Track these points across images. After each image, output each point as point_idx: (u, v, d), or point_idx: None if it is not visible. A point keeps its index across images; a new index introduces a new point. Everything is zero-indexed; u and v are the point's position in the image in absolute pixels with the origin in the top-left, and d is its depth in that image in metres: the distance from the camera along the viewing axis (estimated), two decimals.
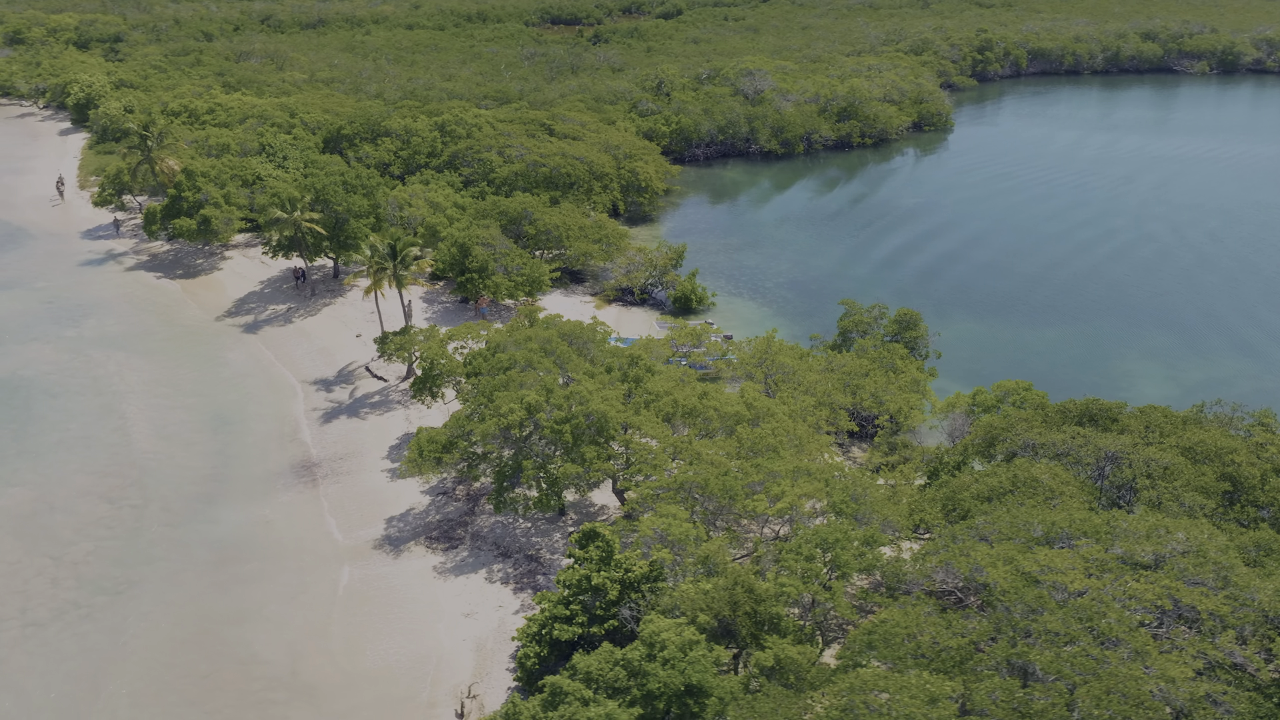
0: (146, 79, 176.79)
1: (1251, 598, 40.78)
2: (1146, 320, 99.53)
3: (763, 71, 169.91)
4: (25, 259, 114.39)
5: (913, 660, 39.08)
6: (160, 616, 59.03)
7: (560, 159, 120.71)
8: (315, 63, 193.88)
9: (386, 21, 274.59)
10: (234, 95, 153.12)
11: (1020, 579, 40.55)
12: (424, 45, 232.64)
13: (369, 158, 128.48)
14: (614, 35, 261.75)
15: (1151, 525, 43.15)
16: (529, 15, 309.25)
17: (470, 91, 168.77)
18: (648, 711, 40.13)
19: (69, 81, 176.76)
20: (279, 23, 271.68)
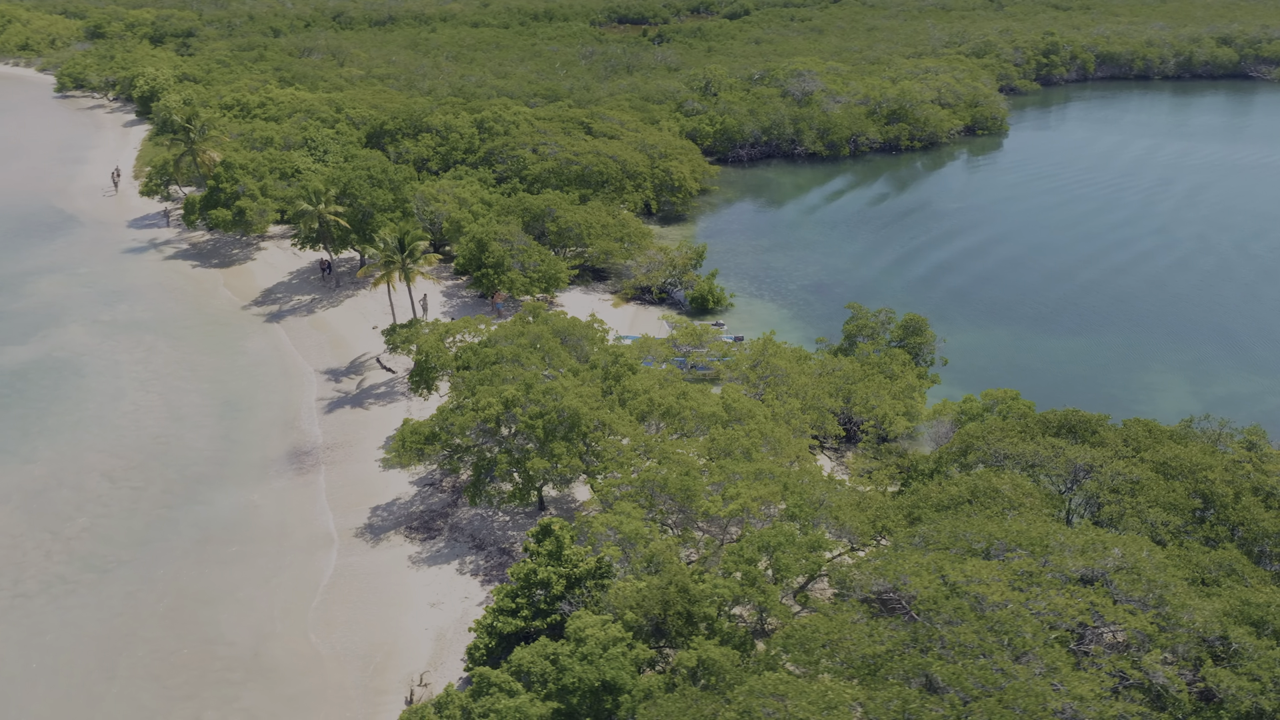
0: (209, 73, 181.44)
1: (1188, 617, 39.56)
2: (1181, 333, 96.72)
3: (812, 73, 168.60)
4: (71, 245, 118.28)
5: (827, 665, 38.66)
6: (142, 595, 60.67)
7: (593, 157, 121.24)
8: (374, 59, 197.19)
9: (453, 19, 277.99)
10: (287, 90, 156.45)
11: (942, 589, 39.84)
12: (486, 43, 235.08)
13: (409, 153, 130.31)
14: (676, 35, 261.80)
15: (1087, 540, 42.04)
16: (596, 14, 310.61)
17: (521, 89, 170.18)
18: (562, 706, 40.25)
19: (136, 75, 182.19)
20: (349, 19, 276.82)
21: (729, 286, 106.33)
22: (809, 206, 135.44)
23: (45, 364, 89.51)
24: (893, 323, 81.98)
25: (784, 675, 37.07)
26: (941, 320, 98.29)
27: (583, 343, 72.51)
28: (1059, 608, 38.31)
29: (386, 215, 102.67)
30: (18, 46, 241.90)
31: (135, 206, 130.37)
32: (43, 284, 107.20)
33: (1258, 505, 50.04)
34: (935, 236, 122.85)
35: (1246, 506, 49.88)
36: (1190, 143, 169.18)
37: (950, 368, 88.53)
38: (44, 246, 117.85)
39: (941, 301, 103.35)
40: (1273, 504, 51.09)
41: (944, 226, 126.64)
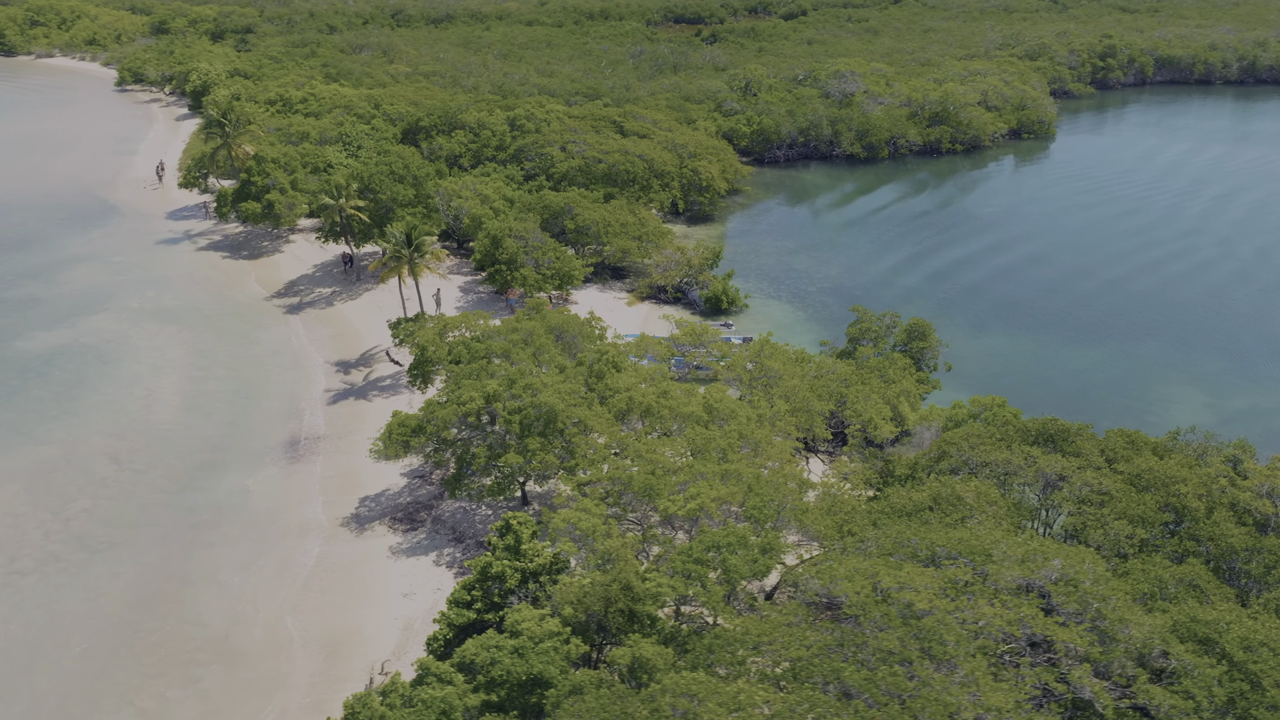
0: (260, 69, 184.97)
1: (1125, 632, 38.73)
2: (1203, 344, 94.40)
3: (853, 74, 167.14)
4: (110, 235, 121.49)
5: (754, 667, 38.50)
6: (128, 575, 62.20)
7: (620, 156, 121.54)
8: (422, 56, 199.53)
9: (509, 17, 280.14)
10: (330, 86, 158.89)
11: (872, 595, 39.44)
12: (538, 41, 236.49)
13: (441, 149, 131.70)
14: (729, 35, 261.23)
15: (1027, 551, 41.27)
16: (651, 14, 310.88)
17: (563, 88, 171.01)
18: (491, 697, 40.58)
19: (190, 70, 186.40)
20: (407, 17, 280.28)
21: (748, 287, 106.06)
22: (839, 208, 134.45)
23: (72, 350, 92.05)
24: (898, 327, 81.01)
25: (701, 676, 36.98)
26: (958, 326, 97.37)
27: (577, 339, 72.83)
28: (986, 617, 37.70)
29: (407, 210, 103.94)
30: (85, 41, 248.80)
31: (175, 199, 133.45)
32: (79, 272, 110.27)
33: (1229, 520, 48.79)
34: (962, 240, 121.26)
35: (1217, 521, 48.66)
36: (1242, 148, 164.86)
37: (963, 373, 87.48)
38: (84, 235, 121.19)
39: (960, 306, 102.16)
40: (1246, 520, 49.78)
41: (973, 231, 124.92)
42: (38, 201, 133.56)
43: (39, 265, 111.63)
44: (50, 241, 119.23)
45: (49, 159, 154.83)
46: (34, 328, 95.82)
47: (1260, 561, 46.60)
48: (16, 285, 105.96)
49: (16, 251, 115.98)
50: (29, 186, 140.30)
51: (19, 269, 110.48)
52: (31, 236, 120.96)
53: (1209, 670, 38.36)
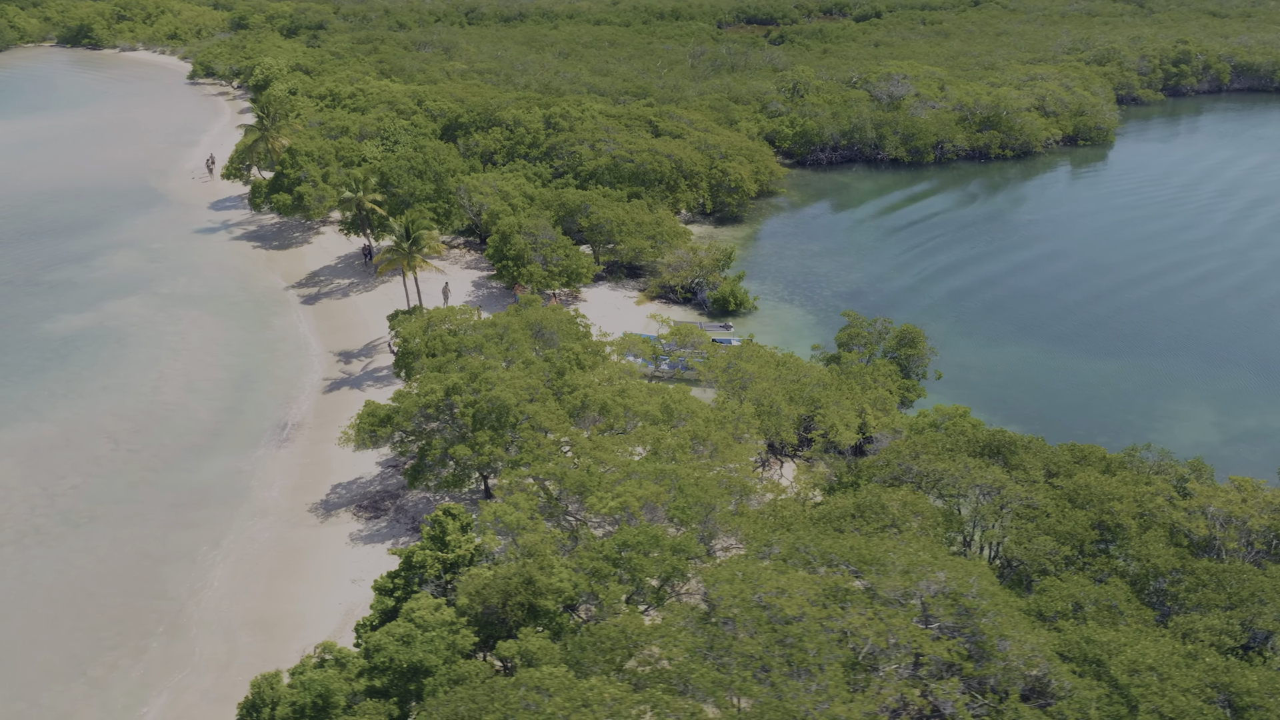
0: (322, 64, 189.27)
1: (1003, 648, 37.95)
2: (1223, 360, 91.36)
3: (903, 76, 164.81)
4: (151, 223, 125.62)
5: (623, 666, 38.66)
6: (103, 550, 64.54)
7: (648, 155, 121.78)
8: (481, 54, 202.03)
9: (579, 16, 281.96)
10: (381, 82, 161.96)
11: (747, 599, 39.20)
12: (602, 40, 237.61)
13: (477, 145, 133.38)
14: (797, 37, 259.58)
15: (912, 562, 40.55)
16: (724, 14, 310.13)
17: (613, 87, 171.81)
18: (375, 683, 41.34)
19: (255, 64, 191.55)
20: (480, 15, 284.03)
21: (763, 289, 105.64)
22: (872, 212, 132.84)
23: (94, 332, 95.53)
24: (889, 333, 79.98)
25: (558, 671, 37.24)
26: (968, 335, 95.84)
27: (555, 336, 73.42)
28: (854, 626, 37.25)
29: (426, 205, 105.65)
30: (167, 36, 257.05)
31: (221, 190, 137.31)
32: (116, 258, 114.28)
33: (1158, 540, 47.36)
34: (993, 249, 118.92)
35: (1146, 541, 47.27)
36: None
37: (967, 383, 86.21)
38: (128, 223, 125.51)
39: (975, 315, 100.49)
40: (1181, 540, 48.27)
41: (1006, 239, 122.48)
42: (92, 189, 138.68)
43: (81, 250, 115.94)
44: (96, 227, 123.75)
45: (111, 148, 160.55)
46: (63, 310, 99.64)
47: (1184, 584, 45.17)
48: (55, 269, 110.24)
49: (62, 236, 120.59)
50: (87, 174, 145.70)
51: (61, 253, 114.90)
52: (79, 222, 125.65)
53: (1087, 693, 37.40)
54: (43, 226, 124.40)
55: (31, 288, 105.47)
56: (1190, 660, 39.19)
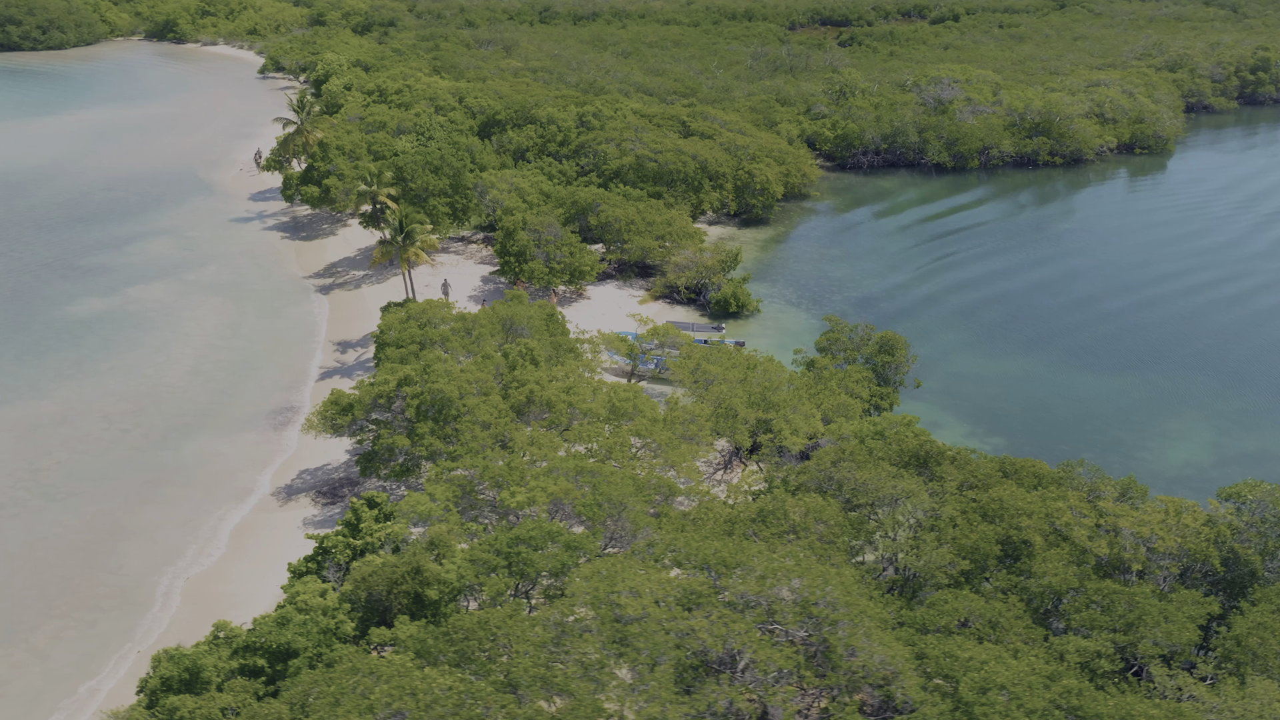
0: (381, 60, 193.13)
1: (849, 658, 37.50)
2: (1236, 380, 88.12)
3: (953, 80, 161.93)
4: (191, 212, 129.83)
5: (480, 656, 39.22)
6: (73, 524, 67.03)
7: (672, 154, 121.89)
8: (539, 53, 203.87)
9: (651, 16, 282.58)
10: (431, 78, 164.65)
11: (600, 597, 39.36)
12: (667, 40, 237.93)
13: (510, 142, 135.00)
14: (867, 39, 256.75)
15: (768, 567, 40.18)
16: (798, 15, 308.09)
17: (662, 87, 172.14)
18: (248, 662, 42.51)
19: (317, 60, 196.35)
20: (554, 14, 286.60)
21: (773, 292, 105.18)
22: (902, 218, 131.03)
23: (113, 315, 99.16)
24: (871, 339, 78.99)
25: (398, 659, 37.94)
26: (974, 345, 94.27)
27: (526, 331, 74.20)
28: (690, 629, 37.13)
29: (440, 200, 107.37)
30: (246, 31, 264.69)
31: (264, 182, 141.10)
32: (151, 244, 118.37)
33: (1060, 558, 46.19)
34: (1020, 257, 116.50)
35: (1047, 559, 46.15)
36: None
37: (955, 394, 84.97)
38: (169, 211, 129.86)
39: (985, 325, 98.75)
40: (1088, 559, 46.98)
41: (1037, 248, 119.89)
42: (143, 177, 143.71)
43: (118, 236, 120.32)
44: (138, 215, 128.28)
45: (170, 139, 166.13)
46: (87, 294, 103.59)
47: (1075, 604, 44.00)
48: (90, 254, 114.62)
49: (106, 222, 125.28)
50: (142, 163, 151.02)
51: (99, 239, 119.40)
52: (124, 209, 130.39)
53: (929, 709, 36.78)
54: (90, 213, 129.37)
55: (65, 271, 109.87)
56: (1049, 682, 38.21)
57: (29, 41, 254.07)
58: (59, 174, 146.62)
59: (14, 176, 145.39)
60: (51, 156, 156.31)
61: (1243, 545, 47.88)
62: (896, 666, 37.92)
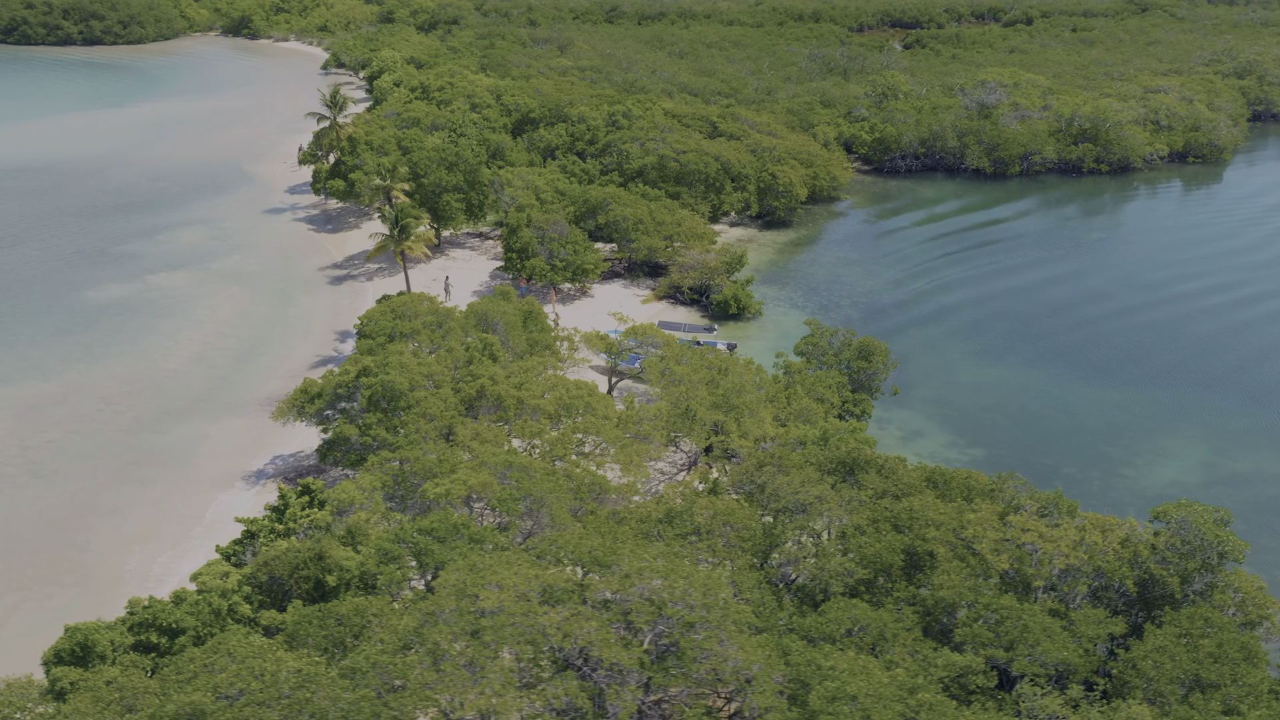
0: (435, 58, 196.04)
1: (704, 660, 37.35)
2: (1245, 400, 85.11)
3: (998, 84, 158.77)
4: (228, 202, 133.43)
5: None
6: (51, 500, 69.45)
7: (694, 155, 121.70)
8: (590, 52, 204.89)
9: (716, 16, 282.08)
10: (475, 76, 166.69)
11: (460, 589, 39.74)
12: (727, 41, 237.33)
13: (541, 140, 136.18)
14: (932, 41, 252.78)
15: (633, 567, 40.06)
16: (867, 17, 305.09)
17: (706, 87, 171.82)
18: (141, 638, 43.83)
19: (373, 57, 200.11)
20: (620, 14, 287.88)
21: (779, 295, 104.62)
22: (932, 224, 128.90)
23: (132, 302, 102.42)
24: (851, 344, 78.03)
25: (259, 641, 38.82)
26: (977, 355, 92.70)
27: (500, 326, 74.95)
28: (542, 625, 37.30)
29: (453, 196, 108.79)
30: (317, 28, 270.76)
31: (303, 175, 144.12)
32: (183, 234, 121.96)
33: (959, 571, 45.30)
34: (1042, 269, 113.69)
35: (947, 571, 45.32)
36: None
37: (942, 403, 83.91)
38: (207, 202, 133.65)
39: (993, 334, 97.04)
40: (993, 574, 45.99)
41: (1063, 257, 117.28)
42: (189, 169, 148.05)
43: (154, 225, 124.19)
44: (177, 205, 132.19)
45: (223, 132, 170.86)
46: (111, 280, 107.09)
47: (965, 617, 43.17)
48: (124, 242, 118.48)
49: (144, 212, 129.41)
50: (191, 155, 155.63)
51: (136, 228, 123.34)
52: (164, 200, 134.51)
53: (775, 716, 36.47)
54: (134, 202, 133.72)
55: (96, 258, 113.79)
56: (906, 695, 37.58)
57: (110, 36, 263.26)
58: (114, 164, 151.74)
59: (72, 166, 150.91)
60: (111, 147, 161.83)
61: (1159, 566, 46.39)
62: (752, 672, 37.64)
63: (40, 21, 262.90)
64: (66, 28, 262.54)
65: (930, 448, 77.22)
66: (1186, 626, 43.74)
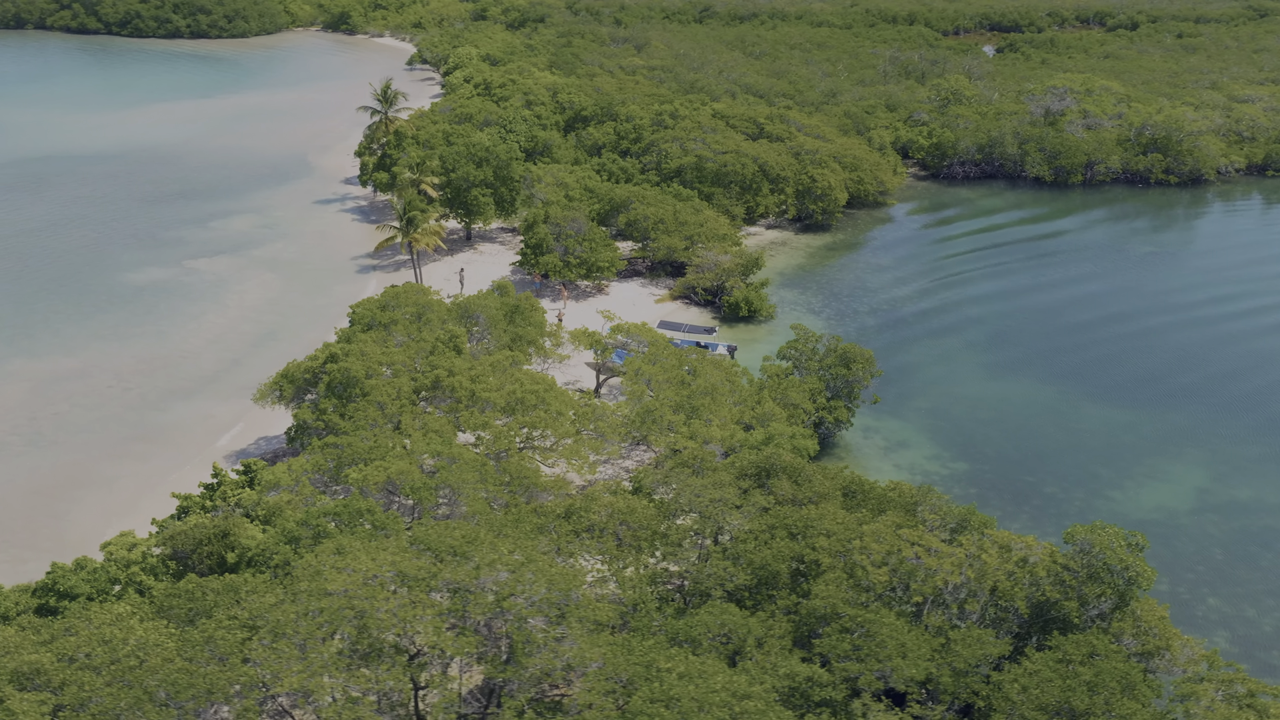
0: (510, 55, 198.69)
1: (534, 654, 37.55)
2: (1261, 426, 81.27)
3: (1068, 90, 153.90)
4: (285, 192, 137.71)
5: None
6: (45, 471, 72.84)
7: (731, 156, 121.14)
8: (666, 51, 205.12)
9: (807, 17, 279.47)
10: (541, 74, 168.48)
11: (311, 571, 40.73)
12: (810, 43, 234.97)
13: (589, 137, 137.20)
14: (1026, 45, 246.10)
15: (487, 559, 40.27)
16: (965, 21, 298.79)
17: (770, 88, 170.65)
18: (41, 601, 45.96)
19: (450, 54, 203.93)
20: (713, 14, 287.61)
21: (798, 299, 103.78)
22: (975, 234, 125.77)
23: (168, 284, 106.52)
24: (835, 351, 76.86)
25: (123, 611, 40.39)
26: (985, 368, 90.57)
27: (482, 318, 76.06)
28: (374, 609, 37.95)
29: (480, 191, 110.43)
30: (411, 24, 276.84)
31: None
32: (235, 221, 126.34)
33: (838, 582, 44.45)
34: (1075, 283, 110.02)
35: (826, 582, 44.55)
36: None
37: (937, 415, 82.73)
38: (264, 191, 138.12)
39: (1008, 348, 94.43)
40: (877, 587, 44.99)
41: (1105, 271, 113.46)
42: (255, 159, 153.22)
43: (208, 212, 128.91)
44: (235, 193, 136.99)
45: (296, 123, 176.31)
46: (152, 264, 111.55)
47: (830, 628, 42.37)
48: (175, 227, 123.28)
49: (203, 199, 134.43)
50: (260, 145, 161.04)
51: (190, 214, 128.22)
52: (225, 187, 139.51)
53: (592, 714, 36.46)
54: (196, 189, 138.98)
55: (146, 241, 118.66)
56: (734, 701, 37.14)
57: (215, 30, 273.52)
58: (188, 152, 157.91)
59: (150, 153, 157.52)
60: (189, 136, 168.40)
61: (1054, 589, 44.81)
62: (588, 669, 37.70)
63: (152, 15, 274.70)
64: (175, 21, 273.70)
65: (911, 459, 75.67)
66: (1071, 653, 42.20)
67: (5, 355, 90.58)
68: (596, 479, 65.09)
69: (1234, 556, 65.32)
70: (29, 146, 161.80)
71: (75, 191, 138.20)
